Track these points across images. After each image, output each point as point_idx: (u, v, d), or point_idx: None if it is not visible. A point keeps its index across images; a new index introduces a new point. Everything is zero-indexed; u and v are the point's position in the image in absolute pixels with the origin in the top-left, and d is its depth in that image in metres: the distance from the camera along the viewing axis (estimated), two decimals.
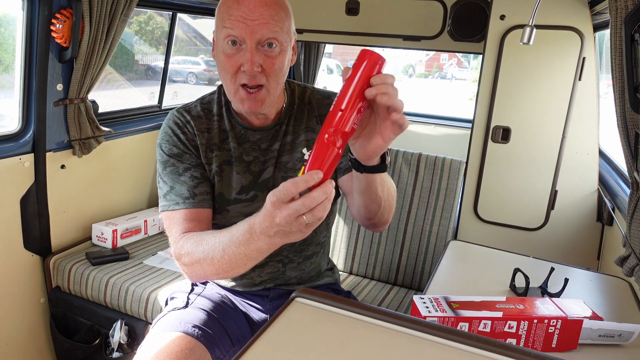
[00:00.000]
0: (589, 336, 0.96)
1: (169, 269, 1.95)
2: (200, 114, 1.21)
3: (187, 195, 1.14)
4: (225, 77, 1.09)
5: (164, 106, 2.67)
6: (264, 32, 1.03)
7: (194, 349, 1.13)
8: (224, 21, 1.04)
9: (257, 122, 1.21)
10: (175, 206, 1.14)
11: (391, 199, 1.12)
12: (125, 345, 1.77)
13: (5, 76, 2.16)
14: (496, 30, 2.04)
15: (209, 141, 1.19)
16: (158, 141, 1.20)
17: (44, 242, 1.97)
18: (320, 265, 1.39)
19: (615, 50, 1.15)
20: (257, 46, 1.04)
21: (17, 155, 1.82)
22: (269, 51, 1.05)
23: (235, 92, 1.09)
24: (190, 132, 1.19)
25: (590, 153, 2.00)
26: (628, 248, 1.19)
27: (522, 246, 2.10)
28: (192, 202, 1.14)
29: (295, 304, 0.72)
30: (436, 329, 0.65)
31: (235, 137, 1.21)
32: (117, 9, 1.87)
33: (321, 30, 2.61)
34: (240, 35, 1.03)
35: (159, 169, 1.18)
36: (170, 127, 1.19)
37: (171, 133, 1.18)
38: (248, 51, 1.03)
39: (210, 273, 1.04)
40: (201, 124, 1.20)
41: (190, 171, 1.16)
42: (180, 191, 1.14)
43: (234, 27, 1.02)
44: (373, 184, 1.00)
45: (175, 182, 1.15)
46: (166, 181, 1.16)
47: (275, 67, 1.06)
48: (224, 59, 1.07)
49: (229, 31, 1.03)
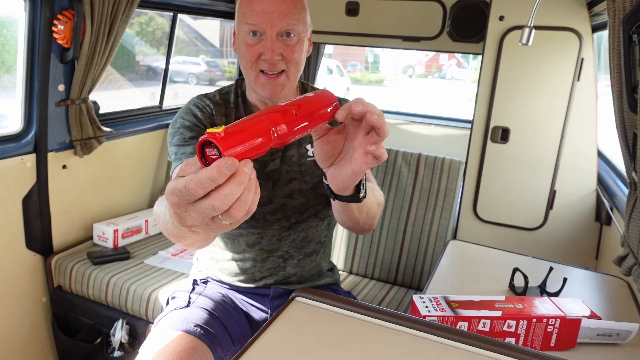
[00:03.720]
0: (588, 335, 0.97)
1: (170, 268, 1.96)
2: (219, 102, 1.27)
3: (191, 152, 1.15)
4: (246, 65, 1.15)
5: (164, 107, 2.68)
6: (283, 23, 1.10)
7: (196, 348, 1.14)
8: (246, 15, 1.12)
9: None
10: (177, 162, 1.14)
11: (372, 216, 1.08)
12: (127, 345, 1.78)
13: (7, 77, 2.17)
14: (495, 31, 2.05)
15: (227, 124, 1.22)
16: (173, 120, 1.24)
17: (46, 242, 1.98)
18: (320, 265, 1.40)
19: (614, 51, 1.16)
20: (277, 36, 1.11)
21: (19, 156, 1.83)
22: (287, 40, 1.13)
23: (255, 78, 1.16)
24: (208, 112, 1.24)
25: (588, 153, 2.01)
26: (626, 247, 1.19)
27: (521, 246, 2.11)
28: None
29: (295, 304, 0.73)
30: (436, 328, 0.65)
31: None
32: (119, 10, 1.88)
33: (321, 30, 2.61)
34: (260, 26, 1.10)
35: (169, 141, 1.21)
36: (189, 107, 1.24)
37: (188, 110, 1.23)
38: (269, 40, 1.11)
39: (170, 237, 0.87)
40: (220, 109, 1.26)
41: (197, 139, 1.17)
42: (184, 150, 1.15)
43: (255, 20, 1.10)
44: (348, 208, 0.97)
45: (180, 146, 1.17)
46: (172, 150, 1.19)
47: (294, 55, 1.14)
48: (245, 48, 1.14)
49: (250, 24, 1.11)
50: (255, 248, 1.29)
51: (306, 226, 1.30)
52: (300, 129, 0.68)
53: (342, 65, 14.51)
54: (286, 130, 0.65)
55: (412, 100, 14.18)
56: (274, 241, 1.29)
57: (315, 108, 0.72)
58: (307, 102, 0.72)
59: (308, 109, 0.70)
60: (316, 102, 0.74)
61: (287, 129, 0.65)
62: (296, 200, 1.25)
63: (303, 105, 0.70)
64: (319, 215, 1.31)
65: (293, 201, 1.25)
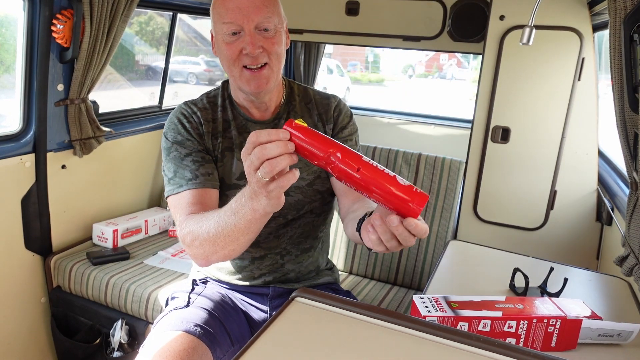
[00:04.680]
0: (588, 336, 0.97)
1: (170, 268, 1.95)
2: (206, 106, 1.28)
3: (190, 177, 1.17)
4: (228, 63, 1.16)
5: (164, 106, 2.68)
6: (259, 17, 1.12)
7: (195, 347, 1.14)
8: (222, 15, 1.13)
9: (257, 114, 1.28)
10: (179, 189, 1.16)
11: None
12: (126, 345, 1.78)
13: (6, 76, 2.16)
14: (496, 31, 2.04)
15: (214, 129, 1.26)
16: (164, 131, 1.25)
17: (45, 242, 1.98)
18: (318, 262, 1.40)
19: (615, 50, 1.15)
20: (255, 30, 1.13)
21: (18, 156, 1.83)
22: (265, 33, 1.14)
23: (240, 74, 1.17)
24: (195, 121, 1.24)
25: (589, 153, 2.00)
26: (627, 248, 1.19)
27: (522, 246, 2.11)
28: (195, 183, 1.17)
29: (295, 304, 0.72)
30: (436, 328, 0.65)
31: (236, 127, 1.27)
32: (118, 9, 1.88)
33: (321, 30, 2.61)
34: (238, 22, 1.12)
35: (164, 156, 1.23)
36: (176, 117, 1.25)
37: (177, 122, 1.24)
38: (247, 35, 1.12)
39: (210, 251, 1.04)
40: (207, 114, 1.26)
41: (192, 156, 1.20)
42: (183, 174, 1.18)
43: (232, 17, 1.12)
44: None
45: (178, 166, 1.19)
46: (170, 167, 1.20)
47: (274, 47, 1.15)
48: (225, 47, 1.15)
49: (227, 23, 1.12)
50: (253, 246, 1.28)
51: (303, 222, 1.31)
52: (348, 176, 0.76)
53: (342, 65, 14.51)
54: (335, 163, 0.76)
55: (412, 100, 14.18)
56: (272, 238, 1.29)
57: (381, 186, 0.76)
58: (380, 175, 0.76)
59: (373, 178, 0.76)
60: (389, 185, 0.76)
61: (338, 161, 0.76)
62: (292, 197, 1.26)
63: (373, 172, 0.76)
64: (316, 211, 1.32)
65: (289, 198, 1.25)
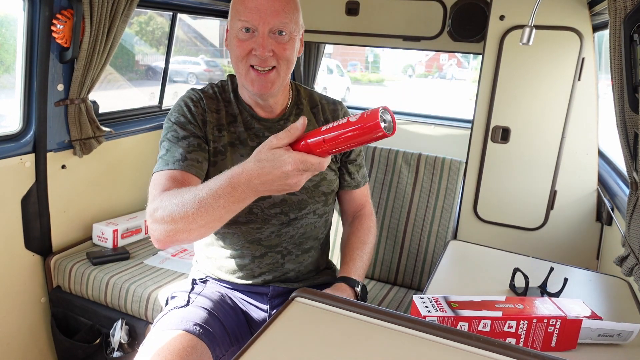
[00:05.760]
0: (588, 336, 0.97)
1: (170, 268, 1.95)
2: (212, 95, 1.28)
3: (178, 158, 1.15)
4: (237, 60, 1.17)
5: (164, 106, 2.67)
6: (275, 21, 1.13)
7: (195, 346, 1.14)
8: (239, 12, 1.15)
9: (262, 113, 1.28)
10: (165, 166, 1.15)
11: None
12: (126, 345, 1.78)
13: (6, 76, 2.16)
14: (496, 31, 2.04)
15: (218, 121, 1.26)
16: (168, 114, 1.25)
17: (45, 242, 1.98)
18: (318, 262, 1.41)
19: (615, 50, 1.15)
20: (269, 33, 1.14)
21: (18, 156, 1.82)
22: (279, 38, 1.15)
23: (246, 73, 1.17)
24: (202, 107, 1.25)
25: (589, 153, 2.00)
26: (627, 248, 1.19)
27: (522, 246, 2.11)
28: (180, 164, 1.15)
29: (295, 304, 0.72)
30: (436, 328, 0.65)
31: (243, 122, 1.27)
32: (118, 9, 1.88)
33: (321, 30, 2.61)
34: (253, 23, 1.13)
35: (162, 135, 1.22)
36: (184, 100, 1.26)
37: (183, 104, 1.24)
38: (260, 37, 1.13)
39: (182, 228, 0.98)
40: (212, 104, 1.27)
41: (189, 139, 1.19)
42: (173, 154, 1.16)
43: (248, 16, 1.13)
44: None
45: (172, 145, 1.18)
46: (164, 145, 1.19)
47: (286, 52, 1.16)
48: (237, 43, 1.16)
49: (243, 20, 1.13)
50: (254, 244, 1.29)
51: (305, 222, 1.31)
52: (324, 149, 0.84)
53: (342, 65, 14.52)
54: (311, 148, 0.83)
55: (412, 100, 14.18)
56: (273, 237, 1.29)
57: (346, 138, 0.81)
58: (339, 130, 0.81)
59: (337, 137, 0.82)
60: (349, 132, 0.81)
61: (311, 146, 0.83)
62: (296, 196, 1.26)
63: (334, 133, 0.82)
64: (318, 212, 1.32)
65: (293, 197, 1.26)
